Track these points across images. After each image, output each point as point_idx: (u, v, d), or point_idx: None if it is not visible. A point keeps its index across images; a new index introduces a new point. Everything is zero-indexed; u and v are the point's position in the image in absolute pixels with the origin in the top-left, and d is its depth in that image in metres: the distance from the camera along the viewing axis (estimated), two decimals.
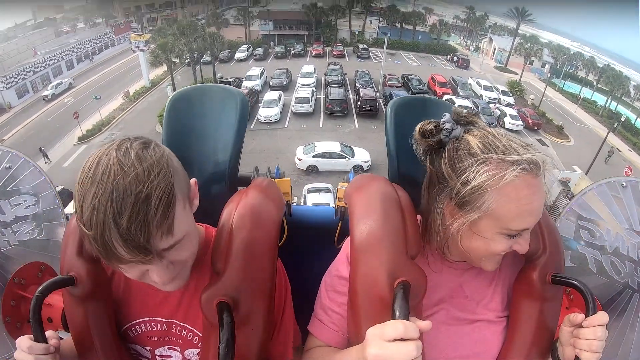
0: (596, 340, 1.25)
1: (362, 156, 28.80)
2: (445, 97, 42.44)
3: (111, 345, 1.46)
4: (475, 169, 1.24)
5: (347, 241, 1.56)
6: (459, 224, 1.31)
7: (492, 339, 1.48)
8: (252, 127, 34.12)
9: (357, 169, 27.88)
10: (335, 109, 38.11)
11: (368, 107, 38.11)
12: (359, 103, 38.55)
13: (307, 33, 67.57)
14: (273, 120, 36.19)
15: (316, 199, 21.87)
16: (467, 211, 1.27)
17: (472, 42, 72.87)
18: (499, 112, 41.31)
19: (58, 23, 60.19)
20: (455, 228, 1.32)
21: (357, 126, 36.60)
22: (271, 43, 65.15)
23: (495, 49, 65.10)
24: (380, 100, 40.66)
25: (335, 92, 40.17)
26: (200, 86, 1.86)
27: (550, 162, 1.27)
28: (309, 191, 22.68)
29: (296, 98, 39.55)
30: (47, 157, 32.75)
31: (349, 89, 44.33)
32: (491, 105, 42.87)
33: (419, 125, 1.42)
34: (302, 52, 60.17)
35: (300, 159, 28.55)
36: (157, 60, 42.35)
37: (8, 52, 47.40)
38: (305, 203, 21.12)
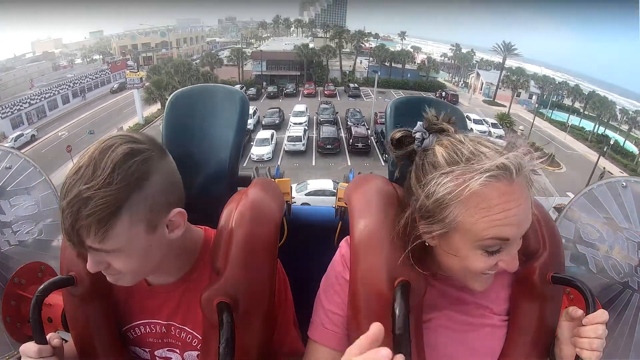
0: (597, 339, 1.24)
1: None
2: None
3: (111, 345, 1.46)
4: (436, 182, 1.19)
5: (342, 242, 1.56)
6: (436, 239, 1.27)
7: (495, 344, 1.45)
8: (244, 165, 33.96)
9: None
10: (328, 147, 38.37)
11: (360, 145, 38.40)
12: (351, 141, 38.83)
13: (299, 73, 68.32)
14: (265, 159, 36.26)
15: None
16: (431, 224, 1.23)
17: (460, 79, 73.87)
18: None
19: (56, 57, 60.68)
20: (433, 244, 1.30)
21: (349, 163, 36.61)
22: (264, 83, 65.80)
23: (482, 83, 66.10)
24: (372, 137, 40.89)
25: (327, 131, 40.54)
26: (200, 86, 1.88)
27: (530, 161, 1.17)
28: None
29: (288, 136, 39.78)
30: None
31: (341, 127, 44.71)
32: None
33: (391, 134, 1.42)
34: (294, 91, 60.93)
35: (292, 197, 28.00)
36: (151, 97, 42.67)
37: (6, 83, 47.76)
38: None
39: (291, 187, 2.03)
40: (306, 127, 42.82)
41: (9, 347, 1.82)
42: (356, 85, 63.10)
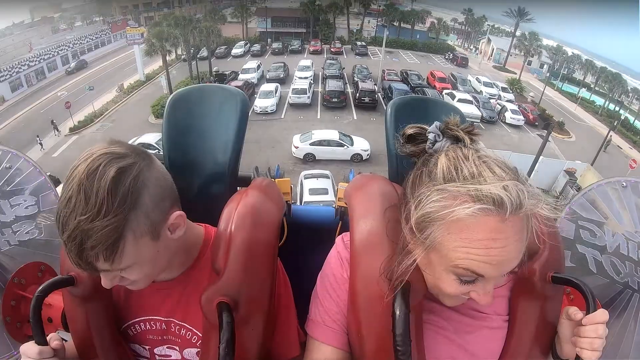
0: (597, 338, 1.24)
1: (361, 145, 28.34)
2: (445, 91, 42.52)
3: (111, 345, 1.47)
4: (427, 196, 1.14)
5: (338, 239, 1.55)
6: (415, 247, 1.23)
7: (496, 345, 1.46)
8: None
9: (357, 157, 27.66)
10: (333, 100, 37.73)
11: (367, 99, 37.80)
12: (357, 95, 38.28)
13: (305, 31, 67.48)
14: (269, 111, 35.84)
15: (314, 184, 21.39)
16: (413, 234, 1.20)
17: (471, 44, 72.83)
18: (499, 107, 41.18)
19: (55, 21, 60.06)
20: (412, 250, 1.25)
21: (355, 118, 36.29)
22: (268, 40, 65.02)
23: (493, 49, 65.02)
24: (379, 94, 40.37)
25: (333, 84, 39.82)
26: (200, 86, 1.87)
27: (535, 204, 1.07)
28: (306, 177, 22.26)
29: (293, 89, 39.27)
30: (58, 129, 33.31)
31: (347, 83, 44.03)
32: (492, 100, 42.68)
33: (403, 129, 1.39)
34: (300, 48, 60.08)
35: (297, 147, 28.13)
36: (152, 49, 42.11)
37: (4, 48, 47.23)
38: (302, 189, 20.86)
39: (292, 185, 2.02)
40: (311, 81, 42.15)
41: (9, 347, 1.84)
42: (363, 43, 62.31)
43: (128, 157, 1.17)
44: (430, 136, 1.28)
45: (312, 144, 27.87)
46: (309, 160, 27.78)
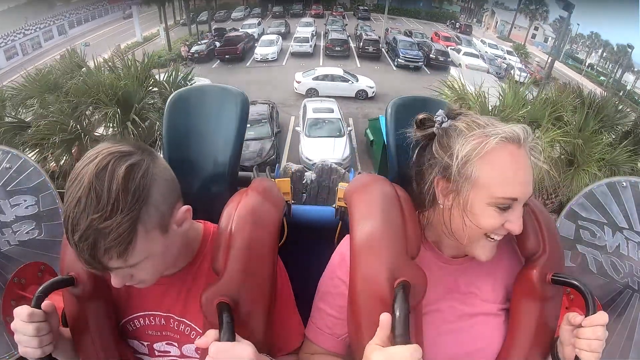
0: (596, 340, 1.25)
1: (366, 82, 27.61)
2: (451, 48, 41.51)
3: (111, 345, 1.47)
4: (461, 142, 1.30)
5: (341, 243, 1.58)
6: (451, 199, 1.33)
7: (493, 333, 1.48)
8: (247, 65, 33.29)
9: (361, 94, 26.91)
10: (336, 49, 36.92)
11: (370, 49, 37.06)
12: (361, 44, 37.66)
13: None
14: (270, 59, 34.70)
15: (317, 105, 20.54)
16: (456, 183, 1.31)
17: (473, 18, 72.11)
18: (505, 66, 40.57)
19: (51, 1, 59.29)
20: (448, 204, 1.35)
21: (359, 66, 35.18)
22: (269, 5, 64.42)
23: (497, 21, 64.18)
24: (383, 48, 39.34)
25: (336, 35, 39.19)
26: (200, 86, 1.86)
27: (533, 138, 1.33)
28: (309, 101, 21.52)
29: (295, 38, 38.41)
30: None
31: (350, 37, 42.55)
32: (498, 59, 42.05)
33: (415, 118, 1.48)
34: (301, 12, 59.41)
35: (299, 82, 27.16)
36: None
37: None
38: (305, 110, 20.01)
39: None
40: (314, 33, 41.19)
41: (9, 347, 1.86)
42: (366, 8, 61.94)
43: (134, 154, 1.18)
44: (438, 118, 1.42)
45: (315, 78, 27.16)
46: (312, 95, 26.28)
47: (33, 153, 7.93)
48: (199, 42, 37.74)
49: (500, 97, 8.86)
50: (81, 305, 1.44)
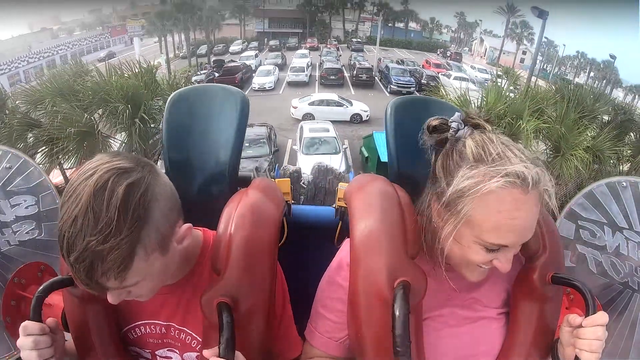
0: (596, 340, 1.25)
1: (360, 106, 28.38)
2: (441, 74, 41.91)
3: (111, 346, 1.46)
4: (461, 174, 1.23)
5: (341, 248, 1.57)
6: (443, 225, 1.29)
7: (494, 336, 1.47)
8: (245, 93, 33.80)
9: (356, 118, 27.67)
10: (331, 77, 37.60)
11: (364, 76, 37.82)
12: (354, 72, 38.38)
13: (302, 31, 67.46)
14: (267, 88, 35.47)
15: (314, 125, 21.31)
16: (450, 214, 1.26)
17: (464, 47, 72.77)
18: None
19: (55, 32, 59.67)
20: (440, 225, 1.31)
21: (353, 93, 35.83)
22: (265, 39, 65.10)
23: (486, 48, 64.99)
24: (376, 77, 40.22)
25: (330, 63, 40.02)
26: (200, 86, 1.87)
27: (549, 181, 1.22)
28: (306, 123, 22.09)
29: (291, 67, 39.16)
30: None
31: (344, 67, 43.58)
32: (487, 83, 42.37)
33: (428, 121, 1.42)
34: (297, 45, 60.18)
35: (295, 107, 27.96)
36: (153, 27, 43.34)
37: (3, 52, 46.84)
38: (301, 131, 20.47)
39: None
40: (309, 63, 42.05)
41: (9, 347, 1.84)
42: (359, 40, 62.69)
43: (134, 170, 1.13)
44: (454, 125, 1.33)
45: (310, 103, 27.84)
46: (308, 119, 26.83)
47: (43, 152, 8.55)
48: (199, 72, 38.86)
49: (484, 97, 9.55)
50: (81, 305, 1.43)
